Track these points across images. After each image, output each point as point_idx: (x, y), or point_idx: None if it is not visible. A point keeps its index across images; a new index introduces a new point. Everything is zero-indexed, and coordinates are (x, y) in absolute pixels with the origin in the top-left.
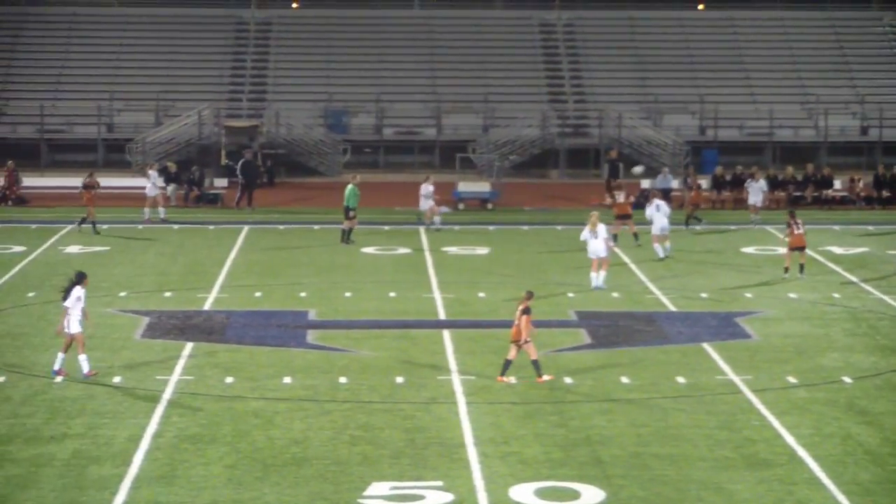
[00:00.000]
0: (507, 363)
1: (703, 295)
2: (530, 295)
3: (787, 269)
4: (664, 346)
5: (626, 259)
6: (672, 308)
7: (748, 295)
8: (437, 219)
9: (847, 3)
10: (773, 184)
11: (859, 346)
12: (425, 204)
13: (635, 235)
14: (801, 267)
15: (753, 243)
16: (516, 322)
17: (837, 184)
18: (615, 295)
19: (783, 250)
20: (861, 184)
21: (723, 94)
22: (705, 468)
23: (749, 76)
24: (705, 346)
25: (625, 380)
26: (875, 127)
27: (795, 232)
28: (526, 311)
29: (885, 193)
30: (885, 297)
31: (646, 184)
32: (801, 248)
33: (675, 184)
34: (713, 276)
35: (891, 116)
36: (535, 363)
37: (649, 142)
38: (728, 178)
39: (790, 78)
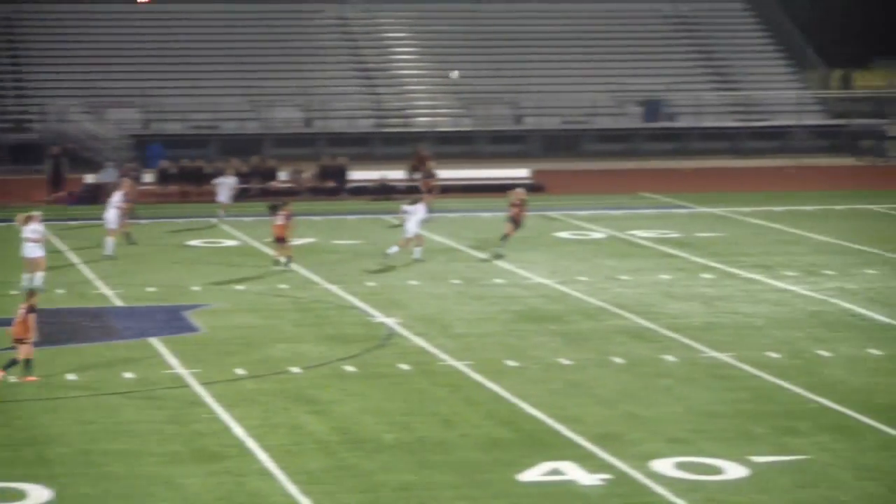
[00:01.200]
0: (20, 362)
1: (151, 289)
2: (32, 293)
3: (276, 262)
4: (112, 342)
5: (75, 258)
6: (119, 303)
7: (195, 288)
8: None
9: None
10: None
11: (307, 336)
12: None
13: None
14: (287, 259)
15: (200, 237)
16: (18, 320)
17: (283, 175)
18: (60, 291)
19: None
20: (307, 175)
21: (166, 87)
22: (155, 463)
23: (192, 69)
24: (153, 340)
25: (71, 377)
26: (319, 119)
27: (276, 223)
28: (31, 310)
29: (330, 184)
30: (331, 287)
31: (90, 178)
32: (281, 240)
33: (117, 178)
34: (160, 271)
35: (334, 108)
36: (28, 362)
37: (93, 136)
38: (175, 171)
39: (233, 70)
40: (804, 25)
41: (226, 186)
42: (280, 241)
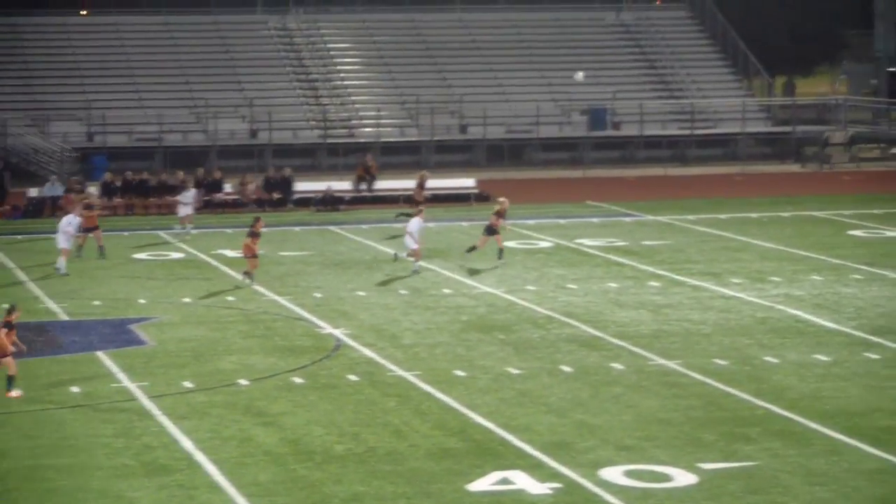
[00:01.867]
0: (9, 378)
1: (96, 303)
2: (13, 309)
3: (247, 273)
4: (57, 356)
5: (20, 273)
6: (65, 317)
7: (142, 301)
8: None
9: (231, 7)
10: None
11: (256, 347)
12: None
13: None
14: (249, 276)
15: (146, 250)
16: None
17: (228, 187)
18: (5, 306)
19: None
20: (252, 186)
21: (110, 99)
22: (103, 477)
23: (136, 81)
24: (100, 354)
25: (16, 392)
26: (264, 130)
27: (246, 241)
28: (7, 326)
29: (276, 195)
30: (279, 299)
31: (34, 192)
32: (251, 257)
33: (62, 191)
34: (106, 284)
35: (278, 119)
36: (12, 378)
37: (37, 150)
38: (119, 184)
39: (177, 82)
40: (747, 33)
41: (188, 200)
42: (252, 257)
